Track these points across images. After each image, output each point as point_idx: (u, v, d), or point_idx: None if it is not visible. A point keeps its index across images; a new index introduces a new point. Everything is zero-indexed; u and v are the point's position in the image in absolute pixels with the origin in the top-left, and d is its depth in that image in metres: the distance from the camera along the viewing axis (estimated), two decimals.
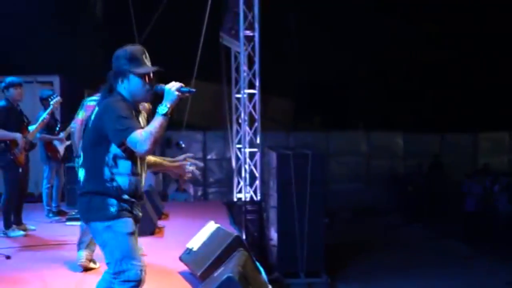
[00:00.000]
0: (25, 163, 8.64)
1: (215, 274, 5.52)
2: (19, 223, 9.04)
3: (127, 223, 4.36)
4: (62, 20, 15.74)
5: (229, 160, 15.55)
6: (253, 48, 11.82)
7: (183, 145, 7.89)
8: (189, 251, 6.97)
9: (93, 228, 4.42)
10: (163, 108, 4.23)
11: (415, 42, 18.12)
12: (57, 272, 7.02)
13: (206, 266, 6.25)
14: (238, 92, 12.63)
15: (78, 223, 9.95)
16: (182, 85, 4.35)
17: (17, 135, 8.37)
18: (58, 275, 6.88)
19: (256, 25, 11.72)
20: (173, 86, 4.31)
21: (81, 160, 4.50)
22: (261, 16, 11.80)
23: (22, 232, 8.90)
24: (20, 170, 8.50)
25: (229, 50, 13.10)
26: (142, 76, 4.39)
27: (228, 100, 13.32)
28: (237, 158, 12.89)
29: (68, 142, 10.27)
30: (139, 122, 4.35)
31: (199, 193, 16.82)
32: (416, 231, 14.86)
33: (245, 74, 11.83)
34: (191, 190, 14.80)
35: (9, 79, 8.66)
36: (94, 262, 6.93)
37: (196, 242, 6.97)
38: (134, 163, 4.35)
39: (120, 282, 4.36)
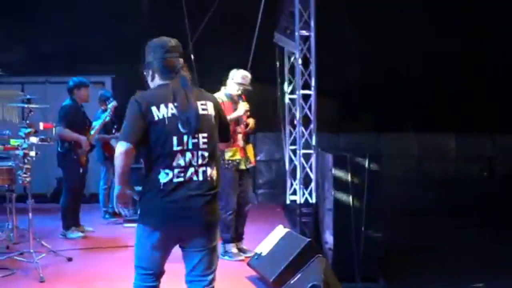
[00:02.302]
0: (85, 164, 8.62)
1: (292, 281, 5.37)
2: (77, 224, 9.01)
3: None
4: (112, 19, 15.75)
5: (279, 161, 15.40)
6: (308, 48, 11.64)
7: None
8: (257, 256, 6.83)
9: (215, 231, 4.27)
10: None
11: (465, 43, 17.82)
12: (121, 274, 6.94)
13: (278, 272, 6.11)
14: (292, 93, 12.45)
15: (135, 224, 9.96)
16: None
17: (82, 138, 8.38)
18: (123, 278, 6.81)
19: (312, 25, 11.54)
20: None
21: (208, 157, 4.15)
22: (316, 15, 11.62)
23: (80, 234, 8.89)
24: (81, 170, 8.48)
25: (283, 50, 12.93)
26: None
27: (281, 101, 13.16)
28: (290, 160, 12.70)
29: None
30: None
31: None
32: (470, 235, 14.51)
33: (300, 74, 11.64)
34: None
35: (79, 78, 8.68)
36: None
37: (265, 247, 6.83)
38: None
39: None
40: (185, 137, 4.07)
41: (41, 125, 7.66)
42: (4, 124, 8.94)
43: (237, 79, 7.81)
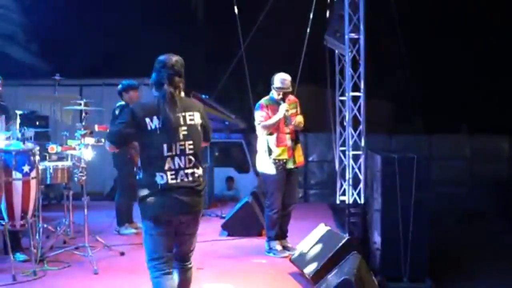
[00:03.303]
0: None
1: (329, 276, 5.58)
2: (130, 221, 9.37)
3: None
4: (165, 23, 16.12)
5: (330, 162, 15.56)
6: (358, 51, 11.78)
7: None
8: (299, 253, 7.08)
9: (199, 217, 5.04)
10: None
11: None
12: None
13: (318, 268, 6.35)
14: (342, 95, 12.60)
15: None
16: None
17: None
18: None
19: (361, 28, 11.68)
20: None
21: (194, 160, 4.85)
22: (365, 18, 11.72)
23: (133, 230, 9.23)
24: (134, 169, 8.78)
25: (333, 53, 13.09)
26: None
27: (332, 103, 13.30)
28: (340, 161, 12.85)
29: None
30: None
31: (300, 194, 16.89)
32: None
33: (350, 76, 11.79)
34: None
35: (128, 81, 9.01)
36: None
37: (306, 244, 7.08)
38: None
39: None
40: (173, 145, 4.76)
41: (96, 127, 8.02)
42: (63, 125, 9.34)
43: (276, 83, 7.97)
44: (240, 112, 16.06)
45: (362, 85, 11.75)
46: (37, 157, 7.11)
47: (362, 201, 11.68)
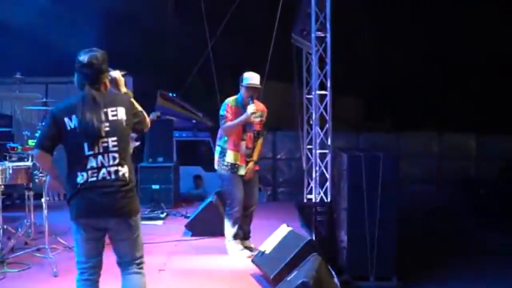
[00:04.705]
0: None
1: (289, 278, 5.57)
2: None
3: None
4: (133, 20, 15.99)
5: (299, 160, 15.54)
6: (324, 49, 11.74)
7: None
8: (261, 254, 7.06)
9: (135, 222, 4.73)
10: None
11: (490, 42, 17.77)
12: None
13: (278, 269, 6.34)
14: (309, 93, 12.58)
15: (151, 222, 10.21)
16: None
17: None
18: None
19: (328, 26, 11.64)
20: None
21: (118, 158, 4.62)
22: (332, 16, 11.69)
23: None
24: None
25: (301, 51, 13.06)
26: None
27: (299, 101, 13.29)
28: (308, 159, 12.83)
29: (138, 143, 10.44)
30: None
31: (268, 192, 16.89)
32: (489, 235, 14.51)
33: (316, 75, 11.76)
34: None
35: None
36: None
37: (268, 245, 7.06)
38: None
39: None
40: (95, 143, 4.56)
41: None
42: (24, 125, 9.20)
43: (248, 80, 7.87)
44: (207, 110, 16.00)
45: (328, 84, 11.69)
46: None
47: (329, 200, 11.67)
